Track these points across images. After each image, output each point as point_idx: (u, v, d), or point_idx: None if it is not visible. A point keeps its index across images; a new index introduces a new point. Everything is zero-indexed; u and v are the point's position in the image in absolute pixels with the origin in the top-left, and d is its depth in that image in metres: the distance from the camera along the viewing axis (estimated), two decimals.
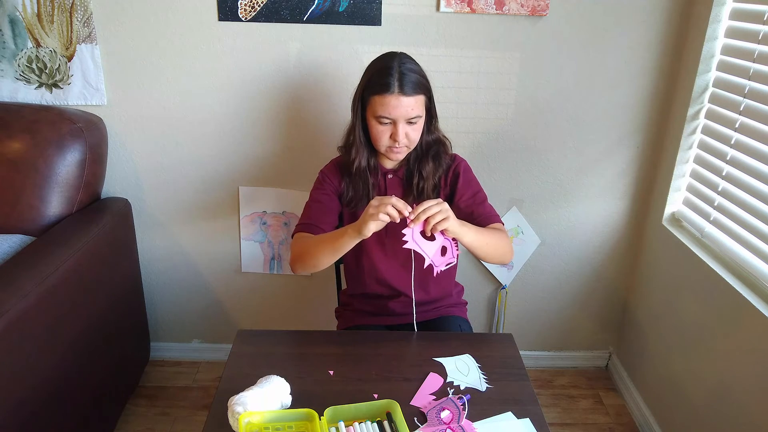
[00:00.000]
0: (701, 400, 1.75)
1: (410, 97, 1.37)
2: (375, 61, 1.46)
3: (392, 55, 1.44)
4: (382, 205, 1.24)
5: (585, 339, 2.37)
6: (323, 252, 1.39)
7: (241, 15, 1.83)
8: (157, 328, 2.30)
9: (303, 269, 1.46)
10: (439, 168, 1.51)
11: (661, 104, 1.98)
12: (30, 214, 1.73)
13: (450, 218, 1.26)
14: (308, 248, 1.43)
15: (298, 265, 1.46)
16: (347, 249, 1.35)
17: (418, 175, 1.50)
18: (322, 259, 1.40)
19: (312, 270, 1.45)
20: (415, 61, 1.44)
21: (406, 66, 1.39)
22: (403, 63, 1.40)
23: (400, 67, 1.38)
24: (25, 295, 1.38)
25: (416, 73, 1.40)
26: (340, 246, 1.35)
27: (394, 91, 1.36)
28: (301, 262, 1.44)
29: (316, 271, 1.45)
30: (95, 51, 1.87)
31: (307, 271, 1.47)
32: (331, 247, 1.37)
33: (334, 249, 1.37)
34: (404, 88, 1.36)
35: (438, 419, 1.16)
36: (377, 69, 1.41)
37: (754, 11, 1.62)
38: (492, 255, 1.44)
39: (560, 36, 1.89)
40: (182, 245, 2.17)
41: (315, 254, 1.41)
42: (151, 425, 2.04)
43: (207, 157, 2.03)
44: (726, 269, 1.70)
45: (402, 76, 1.37)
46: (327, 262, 1.41)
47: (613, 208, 2.14)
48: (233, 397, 1.12)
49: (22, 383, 1.39)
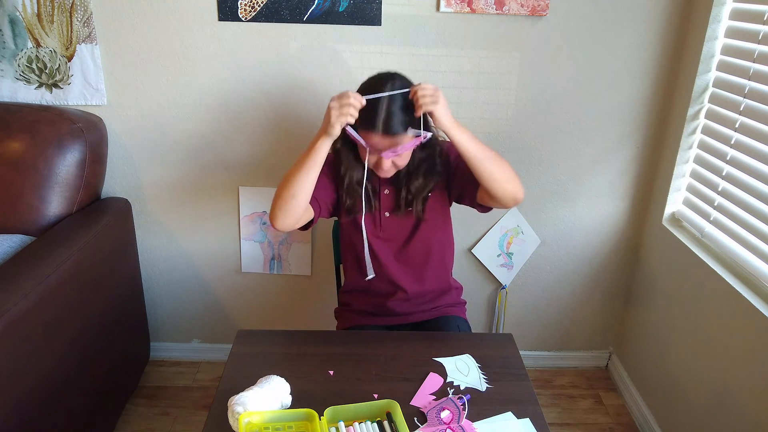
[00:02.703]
0: (701, 400, 1.75)
1: (393, 137, 1.33)
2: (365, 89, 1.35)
3: (384, 79, 1.35)
4: (342, 106, 1.27)
5: (585, 339, 2.37)
6: (299, 170, 1.36)
7: (241, 15, 1.83)
8: (157, 328, 2.30)
9: (281, 208, 1.39)
10: (430, 183, 1.50)
11: (661, 104, 1.99)
12: (30, 214, 1.73)
13: (439, 104, 1.27)
14: (283, 179, 1.39)
15: (276, 204, 1.39)
16: (323, 156, 1.35)
17: (406, 189, 1.49)
18: (298, 181, 1.36)
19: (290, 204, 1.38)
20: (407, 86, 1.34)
21: (394, 106, 1.31)
22: (393, 102, 1.31)
23: (389, 107, 1.31)
24: (25, 295, 1.38)
25: (400, 113, 1.31)
26: (315, 154, 1.34)
27: (378, 130, 1.32)
28: (278, 199, 1.39)
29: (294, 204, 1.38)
30: (95, 51, 1.87)
31: (285, 208, 1.39)
32: (306, 162, 1.35)
33: (310, 161, 1.35)
34: (389, 129, 1.32)
35: (438, 419, 1.16)
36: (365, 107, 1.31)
37: (754, 11, 1.62)
38: (497, 173, 1.36)
39: (560, 36, 1.89)
40: (182, 245, 2.17)
41: (288, 180, 1.37)
42: (151, 425, 2.04)
43: (207, 157, 2.03)
44: (726, 269, 1.70)
45: (389, 116, 1.31)
46: (303, 184, 1.37)
47: (613, 208, 2.14)
48: (233, 397, 1.12)
49: (22, 383, 1.39)
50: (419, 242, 1.56)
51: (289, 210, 1.39)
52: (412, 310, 1.62)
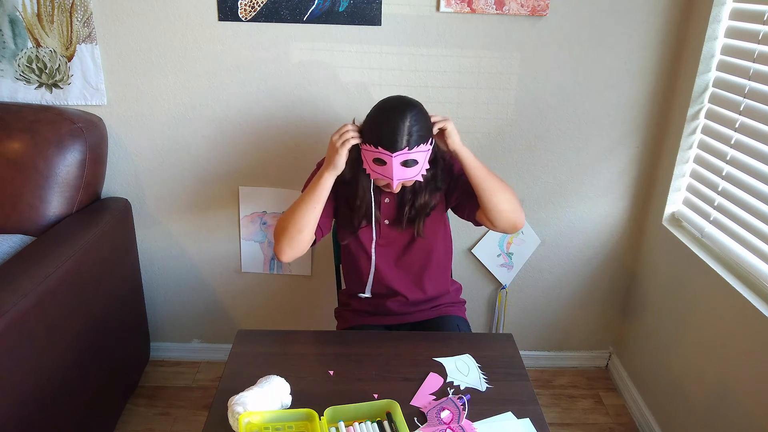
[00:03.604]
0: (701, 400, 1.75)
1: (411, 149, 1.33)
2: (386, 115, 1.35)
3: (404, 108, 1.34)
4: (342, 140, 1.34)
5: (585, 339, 2.37)
6: (305, 205, 1.39)
7: (241, 15, 1.83)
8: (157, 328, 2.30)
9: (288, 242, 1.42)
10: (433, 201, 1.50)
11: (661, 104, 1.99)
12: (30, 214, 1.73)
13: (450, 121, 1.38)
14: (287, 215, 1.42)
15: (281, 238, 1.42)
16: (328, 190, 1.39)
17: (410, 206, 1.49)
18: (304, 216, 1.39)
19: (297, 239, 1.41)
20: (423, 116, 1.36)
21: (416, 126, 1.32)
22: (414, 121, 1.32)
23: (410, 129, 1.31)
24: (25, 295, 1.38)
25: (421, 129, 1.33)
26: (321, 189, 1.38)
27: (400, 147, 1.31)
28: (284, 233, 1.41)
29: (301, 238, 1.41)
30: (95, 51, 1.87)
31: (293, 242, 1.42)
32: (311, 196, 1.39)
33: (316, 195, 1.38)
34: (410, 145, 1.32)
35: (438, 419, 1.16)
36: (387, 130, 1.32)
37: (754, 11, 1.62)
38: (500, 197, 1.41)
39: (560, 36, 1.89)
40: (182, 245, 2.17)
41: (295, 215, 1.40)
42: (151, 425, 2.04)
43: (207, 157, 2.03)
44: (726, 269, 1.70)
45: (411, 136, 1.31)
46: (309, 218, 1.40)
47: (613, 208, 2.14)
48: (233, 397, 1.12)
49: (22, 383, 1.39)
50: (419, 249, 1.56)
51: (297, 244, 1.43)
52: (412, 310, 1.62)
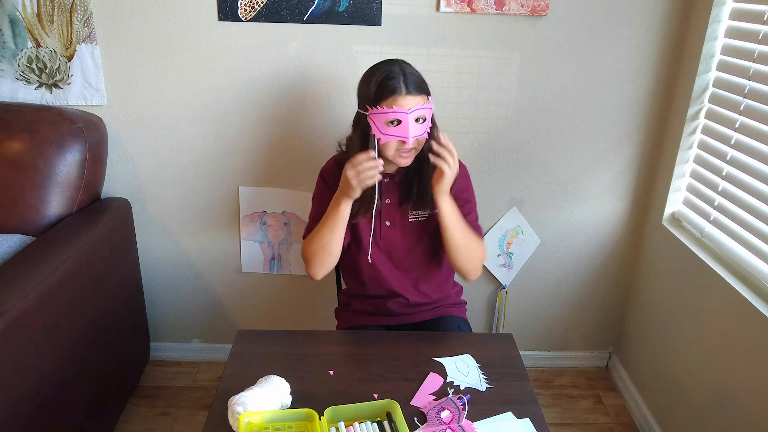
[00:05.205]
0: (701, 400, 1.75)
1: (416, 96, 1.37)
2: (374, 70, 1.42)
3: (391, 60, 1.43)
4: (360, 172, 1.35)
5: (585, 339, 2.37)
6: (328, 233, 1.45)
7: (241, 15, 1.83)
8: (157, 328, 2.30)
9: (321, 265, 1.49)
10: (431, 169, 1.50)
11: (661, 104, 1.99)
12: (30, 214, 1.73)
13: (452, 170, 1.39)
14: (314, 241, 1.48)
15: (314, 262, 1.49)
16: (348, 214, 1.44)
17: (418, 181, 1.49)
18: (331, 241, 1.46)
19: (329, 260, 1.49)
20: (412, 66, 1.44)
21: (408, 69, 1.40)
22: (405, 66, 1.40)
23: (403, 70, 1.38)
24: (25, 295, 1.38)
25: (417, 77, 1.40)
26: (339, 217, 1.43)
27: (401, 92, 1.35)
28: (315, 257, 1.48)
29: (332, 259, 1.48)
30: (95, 51, 1.87)
31: (325, 264, 1.49)
32: (331, 225, 1.44)
33: (338, 220, 1.44)
34: (410, 88, 1.36)
35: (438, 419, 1.16)
36: (381, 77, 1.38)
37: (754, 11, 1.62)
38: (463, 250, 1.48)
39: (560, 36, 1.89)
40: (182, 245, 2.17)
41: (322, 240, 1.46)
42: (151, 425, 2.04)
43: (207, 157, 2.03)
44: (726, 269, 1.70)
45: (406, 77, 1.37)
46: (336, 241, 1.46)
47: (613, 208, 2.14)
48: (233, 397, 1.12)
49: (22, 383, 1.39)
50: (419, 251, 1.56)
51: (330, 264, 1.50)
52: (412, 311, 1.62)
